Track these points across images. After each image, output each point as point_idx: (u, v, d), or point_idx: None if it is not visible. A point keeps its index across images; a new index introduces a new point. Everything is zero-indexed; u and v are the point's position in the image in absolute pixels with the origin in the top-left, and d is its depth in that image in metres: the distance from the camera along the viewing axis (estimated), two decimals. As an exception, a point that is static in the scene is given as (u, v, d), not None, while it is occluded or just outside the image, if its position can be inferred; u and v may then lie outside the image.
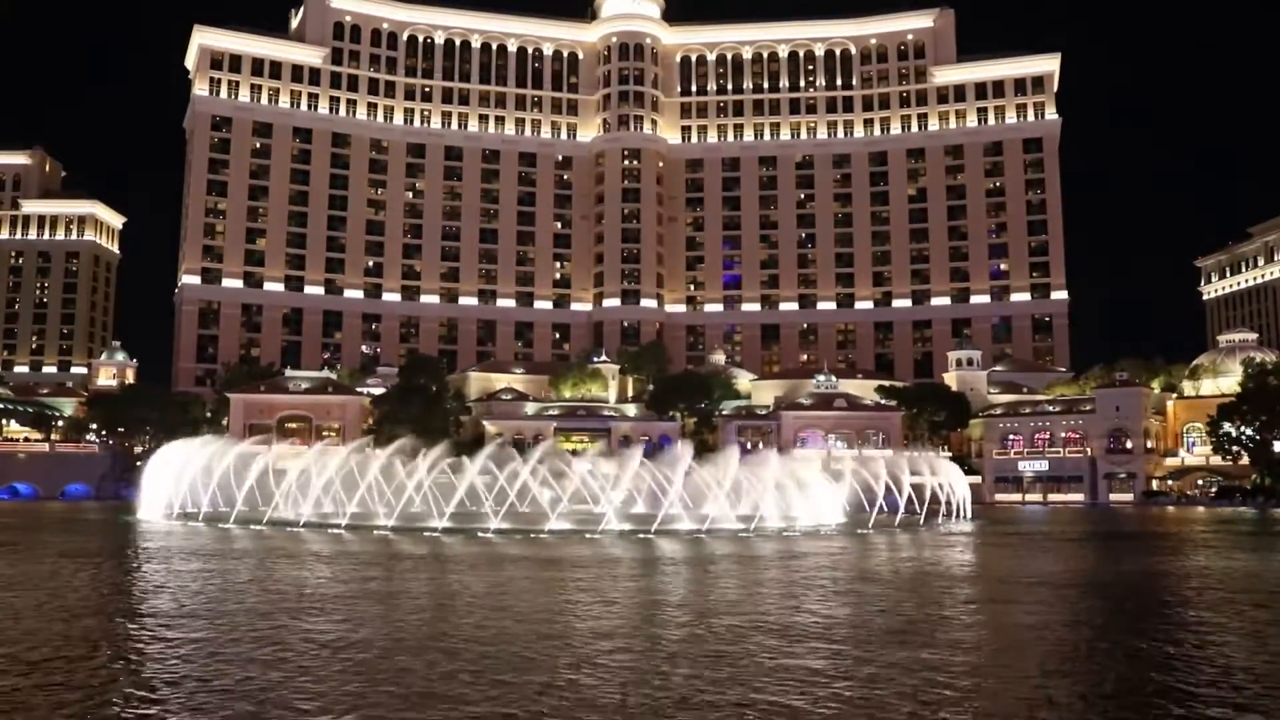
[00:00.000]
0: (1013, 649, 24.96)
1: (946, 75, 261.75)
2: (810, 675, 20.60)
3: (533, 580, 39.02)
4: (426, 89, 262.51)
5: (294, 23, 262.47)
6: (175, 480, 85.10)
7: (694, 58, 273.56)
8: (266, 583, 37.50)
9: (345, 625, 26.77)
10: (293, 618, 27.93)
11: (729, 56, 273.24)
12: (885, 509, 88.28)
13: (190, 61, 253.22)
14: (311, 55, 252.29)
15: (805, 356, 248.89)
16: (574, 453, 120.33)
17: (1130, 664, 22.82)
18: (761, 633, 25.95)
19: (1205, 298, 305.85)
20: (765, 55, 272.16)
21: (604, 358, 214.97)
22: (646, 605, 32.14)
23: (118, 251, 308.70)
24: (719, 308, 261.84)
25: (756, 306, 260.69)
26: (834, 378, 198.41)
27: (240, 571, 42.06)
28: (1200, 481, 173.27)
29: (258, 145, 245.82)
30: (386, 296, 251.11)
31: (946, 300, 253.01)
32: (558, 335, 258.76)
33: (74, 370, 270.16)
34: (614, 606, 31.28)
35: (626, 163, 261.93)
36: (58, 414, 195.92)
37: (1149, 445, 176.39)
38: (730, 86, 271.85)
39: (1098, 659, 23.40)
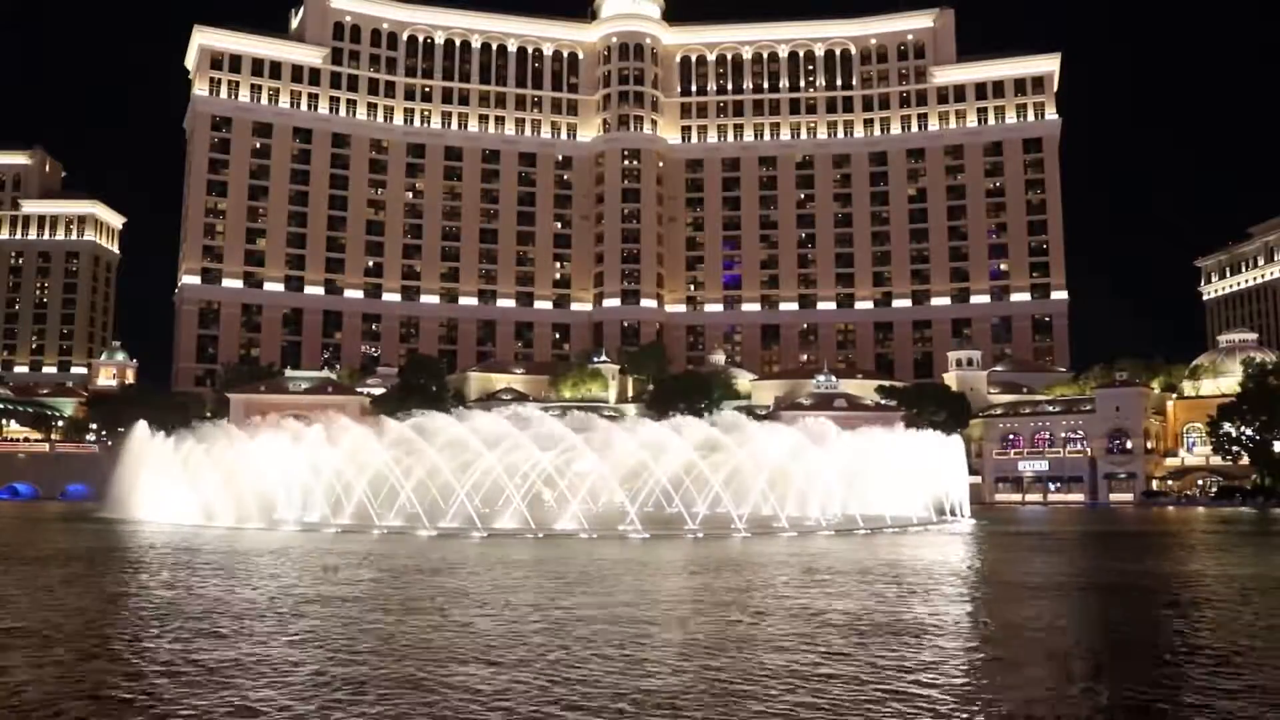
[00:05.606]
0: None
1: (946, 75, 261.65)
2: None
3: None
4: (426, 89, 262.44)
5: (294, 23, 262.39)
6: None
7: (694, 58, 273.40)
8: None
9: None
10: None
11: (729, 56, 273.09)
12: None
13: (190, 61, 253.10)
14: (311, 55, 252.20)
15: (805, 356, 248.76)
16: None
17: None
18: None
19: (1205, 298, 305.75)
20: (765, 55, 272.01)
21: (604, 358, 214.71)
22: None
23: (118, 251, 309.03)
24: (719, 308, 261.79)
25: (756, 306, 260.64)
26: (834, 378, 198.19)
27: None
28: (1200, 481, 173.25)
29: (258, 145, 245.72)
30: (386, 296, 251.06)
31: (946, 300, 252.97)
32: (558, 335, 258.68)
33: (74, 370, 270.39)
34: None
35: (626, 163, 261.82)
36: (58, 414, 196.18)
37: (1149, 445, 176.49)
38: (730, 86, 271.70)
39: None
